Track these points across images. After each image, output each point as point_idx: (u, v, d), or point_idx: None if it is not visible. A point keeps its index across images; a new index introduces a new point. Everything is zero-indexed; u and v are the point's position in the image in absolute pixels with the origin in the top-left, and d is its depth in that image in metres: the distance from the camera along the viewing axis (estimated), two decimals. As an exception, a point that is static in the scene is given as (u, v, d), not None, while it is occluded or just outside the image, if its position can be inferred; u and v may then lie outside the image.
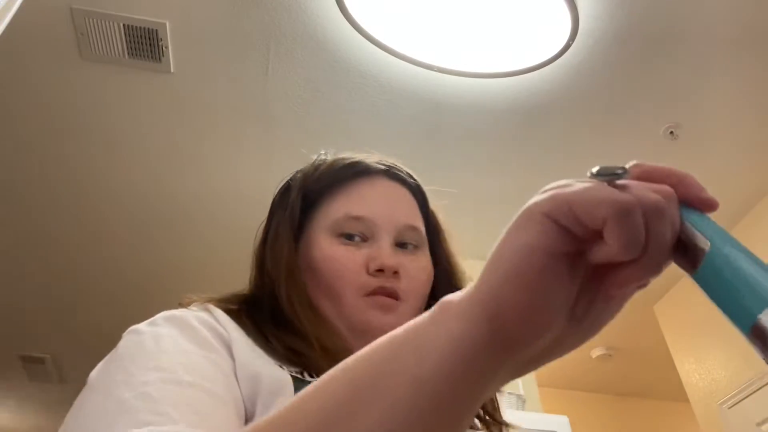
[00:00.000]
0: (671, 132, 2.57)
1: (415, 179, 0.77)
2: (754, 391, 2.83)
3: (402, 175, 0.75)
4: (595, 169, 0.37)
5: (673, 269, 0.36)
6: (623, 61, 2.28)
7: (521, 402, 2.56)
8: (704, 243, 0.34)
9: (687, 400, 3.32)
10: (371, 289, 0.66)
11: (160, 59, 2.25)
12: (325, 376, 0.38)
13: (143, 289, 3.34)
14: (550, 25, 2.12)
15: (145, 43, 2.19)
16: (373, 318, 0.65)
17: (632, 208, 0.33)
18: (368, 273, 0.67)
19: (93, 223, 2.98)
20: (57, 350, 3.92)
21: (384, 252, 0.68)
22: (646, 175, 0.38)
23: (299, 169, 0.79)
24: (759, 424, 2.80)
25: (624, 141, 2.61)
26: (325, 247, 0.69)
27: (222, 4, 2.09)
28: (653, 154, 2.65)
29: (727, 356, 3.02)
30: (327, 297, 0.68)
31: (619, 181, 0.36)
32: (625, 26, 2.16)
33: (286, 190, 0.77)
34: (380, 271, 0.67)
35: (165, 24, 2.14)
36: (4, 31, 1.44)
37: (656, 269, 0.34)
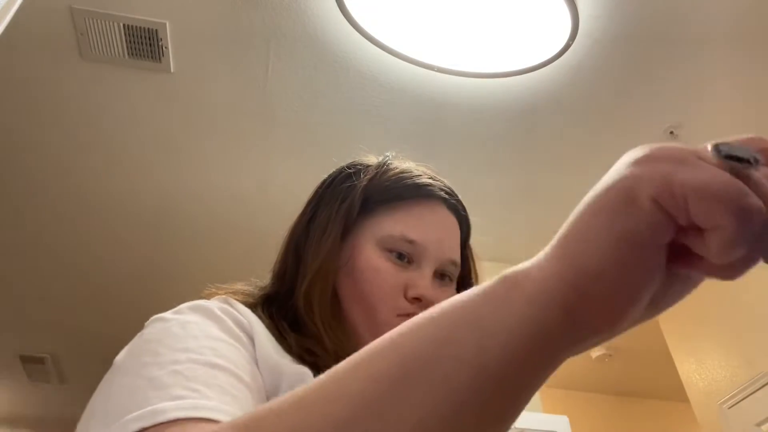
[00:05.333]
0: (671, 132, 2.57)
1: (466, 212, 0.78)
2: (754, 391, 2.83)
3: (458, 207, 0.76)
4: (722, 147, 0.30)
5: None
6: (623, 61, 2.28)
7: (521, 402, 2.55)
8: None
9: (687, 400, 3.32)
10: (405, 313, 0.66)
11: (160, 59, 2.25)
12: (364, 353, 0.34)
13: (143, 288, 3.34)
14: (550, 25, 2.12)
15: (145, 43, 2.19)
16: None
17: (756, 218, 0.28)
18: (405, 297, 0.67)
19: (92, 222, 2.98)
20: (57, 350, 3.92)
21: (426, 282, 0.68)
22: None
23: (355, 161, 0.78)
24: (759, 424, 2.79)
25: (624, 141, 2.61)
26: (374, 258, 0.69)
27: (222, 4, 2.09)
28: (653, 154, 2.65)
29: (727, 356, 3.02)
30: (360, 305, 0.68)
31: (747, 171, 0.29)
32: (625, 26, 2.16)
33: (344, 180, 0.75)
34: (417, 299, 0.67)
35: (165, 24, 2.14)
36: (4, 31, 1.44)
37: (741, 274, 0.30)
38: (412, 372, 0.32)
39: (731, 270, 0.30)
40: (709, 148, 0.31)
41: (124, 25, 2.13)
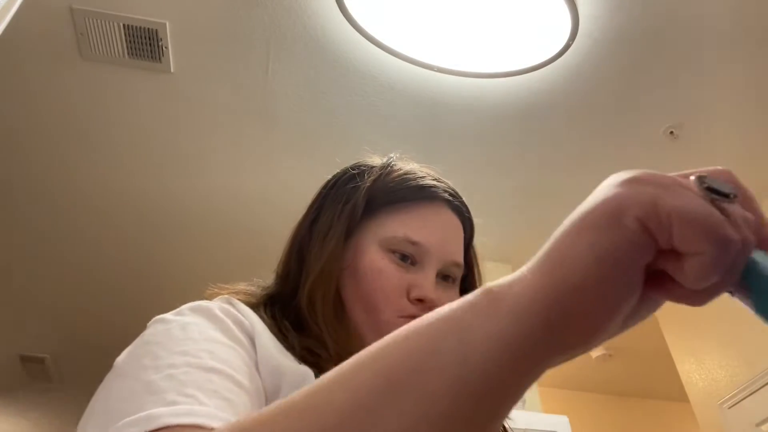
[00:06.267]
0: (671, 132, 2.57)
1: (469, 213, 0.78)
2: (754, 391, 2.83)
3: (462, 209, 0.76)
4: (706, 180, 0.32)
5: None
6: (623, 62, 2.28)
7: (521, 402, 2.55)
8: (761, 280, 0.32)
9: (687, 400, 3.32)
10: (407, 314, 0.66)
11: (160, 59, 2.25)
12: (351, 362, 0.35)
13: (143, 289, 3.34)
14: (550, 25, 2.12)
15: (145, 43, 2.19)
16: None
17: (733, 249, 0.30)
18: (408, 298, 0.67)
19: (93, 222, 2.98)
20: (57, 350, 3.92)
21: (429, 283, 0.68)
22: (745, 203, 0.34)
23: (359, 162, 0.78)
24: (759, 425, 2.79)
25: (624, 141, 2.61)
26: (377, 259, 0.69)
27: (222, 4, 2.09)
28: (653, 154, 2.65)
29: (726, 356, 3.02)
30: (363, 306, 0.68)
31: (726, 205, 0.32)
32: (625, 27, 2.16)
33: (347, 181, 0.75)
34: (420, 300, 0.67)
35: (165, 24, 2.14)
36: (4, 31, 1.44)
37: (708, 301, 0.32)
38: (395, 383, 0.33)
39: (701, 297, 0.32)
40: (693, 179, 0.33)
41: (124, 25, 2.13)
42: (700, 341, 3.20)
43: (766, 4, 2.12)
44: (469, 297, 0.35)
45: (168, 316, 0.57)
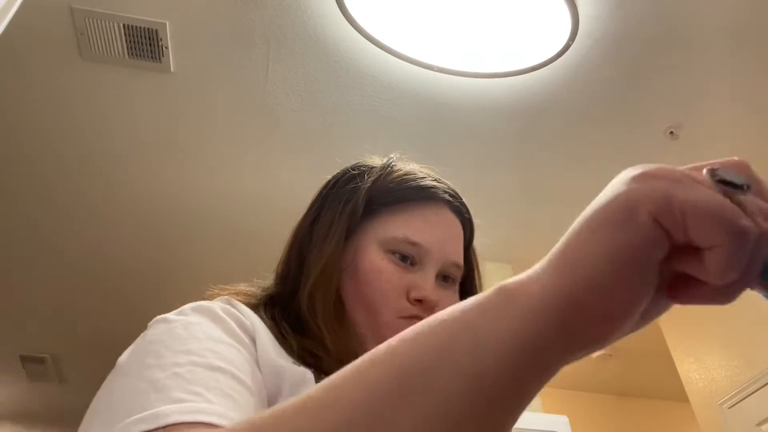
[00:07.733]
0: (671, 132, 2.57)
1: (470, 214, 0.78)
2: (754, 391, 2.83)
3: (462, 209, 0.76)
4: (718, 171, 0.32)
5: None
6: (623, 61, 2.28)
7: (521, 402, 2.55)
8: None
9: (687, 400, 3.32)
10: (407, 315, 0.66)
11: (160, 59, 2.25)
12: (364, 360, 0.35)
13: (143, 288, 3.34)
14: (550, 25, 2.12)
15: (145, 43, 2.19)
16: None
17: (751, 240, 0.30)
18: (408, 299, 0.67)
19: (92, 222, 2.98)
20: (57, 350, 3.92)
21: (429, 284, 0.68)
22: (759, 193, 0.34)
23: (359, 163, 0.78)
24: (759, 424, 2.79)
25: (624, 141, 2.61)
26: (377, 260, 0.69)
27: (222, 4, 2.09)
28: (653, 154, 2.65)
29: (727, 356, 3.02)
30: (363, 307, 0.68)
31: (739, 196, 0.31)
32: (625, 27, 2.16)
33: (348, 182, 0.75)
34: (419, 301, 0.67)
35: (165, 24, 2.14)
36: (4, 31, 1.44)
37: (733, 297, 0.32)
38: (408, 379, 0.32)
39: (725, 294, 0.31)
40: (705, 171, 0.33)
41: (124, 25, 2.13)
42: (700, 341, 3.20)
43: (766, 4, 2.12)
44: (481, 295, 0.35)
45: (170, 315, 0.56)
